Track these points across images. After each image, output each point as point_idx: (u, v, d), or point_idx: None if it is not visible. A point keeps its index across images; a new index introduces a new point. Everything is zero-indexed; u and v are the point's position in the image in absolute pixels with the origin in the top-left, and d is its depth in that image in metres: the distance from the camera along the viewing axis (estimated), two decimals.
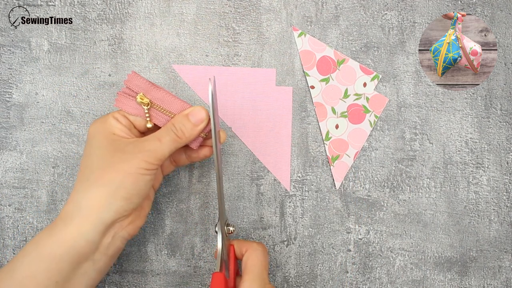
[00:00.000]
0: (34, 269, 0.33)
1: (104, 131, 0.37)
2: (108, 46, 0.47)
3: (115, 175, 0.34)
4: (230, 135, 0.47)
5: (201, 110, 0.38)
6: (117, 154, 0.35)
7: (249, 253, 0.39)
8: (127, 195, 0.35)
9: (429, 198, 0.48)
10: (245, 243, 0.40)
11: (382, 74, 0.48)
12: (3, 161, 0.46)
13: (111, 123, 0.37)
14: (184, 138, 0.37)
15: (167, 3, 0.47)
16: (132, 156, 0.35)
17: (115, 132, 0.37)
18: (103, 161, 0.35)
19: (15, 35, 0.46)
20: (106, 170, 0.35)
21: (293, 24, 0.48)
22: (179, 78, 0.47)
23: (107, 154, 0.35)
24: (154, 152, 0.36)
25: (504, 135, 0.48)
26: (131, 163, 0.35)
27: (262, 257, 0.39)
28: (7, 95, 0.46)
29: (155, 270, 0.46)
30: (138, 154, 0.35)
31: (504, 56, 0.48)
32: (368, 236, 0.47)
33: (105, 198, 0.34)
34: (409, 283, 0.47)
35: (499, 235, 0.48)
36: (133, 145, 0.36)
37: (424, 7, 0.48)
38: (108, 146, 0.36)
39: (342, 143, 0.47)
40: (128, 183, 0.35)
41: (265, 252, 0.39)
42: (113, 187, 0.34)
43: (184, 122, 0.37)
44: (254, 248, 0.39)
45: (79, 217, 0.34)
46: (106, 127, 0.37)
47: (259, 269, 0.38)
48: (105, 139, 0.36)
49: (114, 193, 0.34)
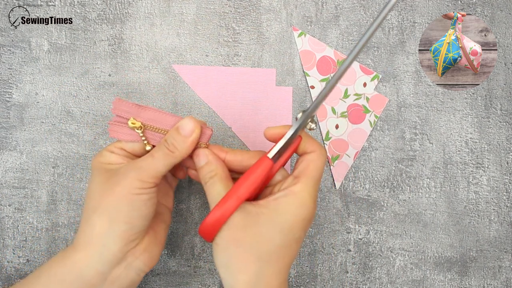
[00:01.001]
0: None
1: (101, 163, 0.36)
2: (108, 46, 0.47)
3: (111, 199, 0.33)
4: (230, 135, 0.47)
5: (189, 121, 0.36)
6: (112, 179, 0.34)
7: (314, 156, 0.35)
8: (127, 219, 0.34)
9: (429, 198, 0.48)
10: (313, 143, 0.36)
11: (382, 74, 0.48)
12: (3, 161, 0.46)
13: (105, 155, 0.36)
14: (177, 152, 0.35)
15: (167, 3, 0.47)
16: (124, 176, 0.34)
17: (112, 161, 0.36)
18: (100, 187, 0.34)
19: (15, 35, 0.46)
20: (103, 195, 0.34)
21: (293, 24, 0.48)
22: (179, 78, 0.47)
23: (104, 180, 0.35)
24: (147, 169, 0.34)
25: (504, 135, 0.48)
26: (123, 184, 0.34)
27: (323, 165, 0.36)
28: (7, 95, 0.46)
29: (155, 270, 0.46)
30: (130, 173, 0.34)
31: (504, 56, 0.48)
32: (368, 236, 0.47)
33: (106, 224, 0.33)
34: (409, 283, 0.47)
35: (499, 235, 0.48)
36: (126, 165, 0.35)
37: (424, 7, 0.48)
38: (105, 173, 0.35)
39: (342, 143, 0.47)
40: (123, 206, 0.33)
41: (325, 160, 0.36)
42: (111, 212, 0.33)
43: (175, 136, 0.36)
44: (321, 153, 0.36)
45: (86, 246, 0.33)
46: (100, 159, 0.36)
47: (318, 177, 0.35)
48: (102, 169, 0.35)
49: (113, 218, 0.33)
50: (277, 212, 0.33)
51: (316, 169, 0.35)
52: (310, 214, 0.34)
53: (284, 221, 0.33)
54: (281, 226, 0.33)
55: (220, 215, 0.33)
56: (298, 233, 0.34)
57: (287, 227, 0.33)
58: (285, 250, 0.33)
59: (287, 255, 0.33)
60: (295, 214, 0.33)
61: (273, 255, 0.33)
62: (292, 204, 0.33)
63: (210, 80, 0.47)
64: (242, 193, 0.33)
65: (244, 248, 0.32)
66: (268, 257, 0.33)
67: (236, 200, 0.33)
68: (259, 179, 0.34)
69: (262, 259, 0.32)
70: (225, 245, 0.33)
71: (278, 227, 0.33)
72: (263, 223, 0.33)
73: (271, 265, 0.33)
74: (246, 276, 0.32)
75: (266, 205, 0.34)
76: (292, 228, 0.33)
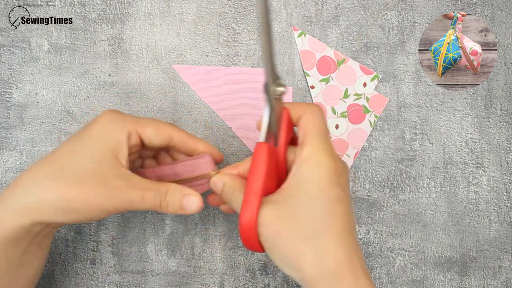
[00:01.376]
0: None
1: (106, 145, 0.33)
2: (108, 46, 0.47)
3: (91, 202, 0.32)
4: (230, 135, 0.47)
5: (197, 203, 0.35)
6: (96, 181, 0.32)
7: (308, 116, 0.33)
8: (90, 219, 0.33)
9: (429, 198, 0.48)
10: (300, 105, 0.34)
11: (382, 74, 0.48)
12: (3, 161, 0.46)
13: (121, 140, 0.34)
14: (163, 210, 0.34)
15: (167, 3, 0.47)
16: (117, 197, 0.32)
17: (118, 156, 0.34)
18: (80, 175, 0.32)
19: (15, 35, 0.46)
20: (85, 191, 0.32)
21: (293, 24, 0.48)
22: (179, 78, 0.47)
23: (88, 172, 0.32)
24: (131, 205, 0.33)
25: (504, 135, 0.48)
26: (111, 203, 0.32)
27: (322, 120, 0.33)
28: (7, 95, 0.46)
29: (155, 270, 0.46)
30: (114, 198, 0.32)
31: (504, 56, 0.48)
32: (368, 236, 0.47)
33: (67, 212, 0.32)
34: (409, 283, 0.47)
35: (499, 235, 0.48)
36: (116, 182, 0.33)
37: (424, 7, 0.48)
38: (96, 164, 0.33)
39: (342, 143, 0.47)
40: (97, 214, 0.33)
41: (323, 113, 0.34)
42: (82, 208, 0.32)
43: (175, 199, 0.34)
44: (313, 110, 0.33)
45: (29, 213, 0.32)
46: (116, 139, 0.34)
47: (321, 132, 0.32)
48: (101, 153, 0.33)
49: (79, 212, 0.32)
50: (300, 186, 0.31)
51: (315, 126, 0.32)
52: (332, 168, 0.31)
53: (310, 190, 0.31)
54: (309, 196, 0.30)
55: (248, 219, 0.31)
56: (333, 192, 0.31)
57: (316, 194, 0.31)
58: (329, 216, 0.30)
59: (335, 220, 0.30)
60: (316, 177, 0.31)
61: (319, 228, 0.30)
62: (308, 169, 0.31)
63: (210, 80, 0.47)
64: (256, 188, 0.31)
65: (289, 237, 0.30)
66: (316, 232, 0.30)
67: (253, 197, 0.31)
68: (263, 167, 0.31)
69: (311, 237, 0.30)
70: (271, 244, 0.31)
71: (308, 199, 0.30)
72: (293, 204, 0.31)
73: (324, 238, 0.30)
74: (307, 262, 0.30)
75: (288, 186, 0.32)
76: (322, 191, 0.31)
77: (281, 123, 0.34)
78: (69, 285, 0.46)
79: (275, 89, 0.32)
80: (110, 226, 0.46)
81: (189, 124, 0.47)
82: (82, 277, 0.46)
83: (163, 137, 0.36)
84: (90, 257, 0.46)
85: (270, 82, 0.31)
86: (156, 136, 0.35)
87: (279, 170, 0.34)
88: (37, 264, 0.36)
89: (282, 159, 0.34)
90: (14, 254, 0.33)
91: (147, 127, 0.35)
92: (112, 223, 0.46)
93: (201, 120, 0.47)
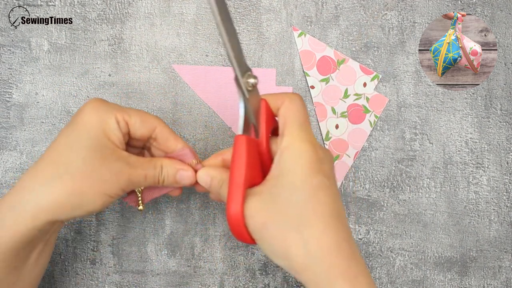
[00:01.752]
0: None
1: (99, 131, 0.33)
2: (108, 46, 0.47)
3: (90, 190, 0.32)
4: (230, 135, 0.47)
5: (190, 177, 0.36)
6: (100, 168, 0.32)
7: (287, 105, 0.33)
8: (92, 210, 0.33)
9: (429, 198, 0.48)
10: (279, 95, 0.34)
11: (382, 74, 0.48)
12: (3, 161, 0.46)
13: (111, 126, 0.34)
14: (160, 184, 0.36)
15: (167, 3, 0.47)
16: (115, 180, 0.33)
17: (111, 137, 0.34)
18: (83, 167, 0.32)
19: (15, 35, 0.46)
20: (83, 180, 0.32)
21: (293, 24, 0.48)
22: (179, 78, 0.47)
23: (91, 161, 0.32)
24: (136, 184, 0.34)
25: (504, 135, 0.48)
26: (111, 187, 0.33)
27: (302, 107, 0.33)
28: (7, 95, 0.46)
29: (155, 270, 0.46)
30: (122, 181, 0.33)
31: (504, 56, 0.48)
32: (368, 236, 0.47)
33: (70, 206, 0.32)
34: (409, 283, 0.47)
35: (499, 235, 0.48)
36: (119, 165, 0.33)
37: (424, 7, 0.48)
38: (96, 153, 0.33)
39: (342, 143, 0.47)
40: (99, 203, 0.33)
41: (303, 101, 0.34)
42: (83, 200, 0.32)
43: (170, 173, 0.35)
44: (291, 98, 0.33)
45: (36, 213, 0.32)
46: (104, 127, 0.34)
47: (301, 120, 0.32)
48: (97, 141, 0.33)
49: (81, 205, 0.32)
50: (282, 176, 0.31)
51: (294, 114, 0.32)
52: (313, 155, 0.31)
53: (292, 180, 0.31)
54: (292, 186, 0.30)
55: (235, 212, 0.31)
56: (316, 179, 0.30)
57: (298, 183, 0.30)
58: (313, 203, 0.30)
59: (319, 207, 0.30)
60: (297, 166, 0.31)
61: (303, 216, 0.30)
62: (289, 159, 0.31)
63: (210, 80, 0.47)
64: (239, 180, 0.31)
65: (275, 227, 0.30)
66: (300, 220, 0.30)
67: (237, 189, 0.31)
68: (244, 158, 0.31)
69: (296, 226, 0.30)
70: (259, 235, 0.31)
71: (291, 188, 0.30)
72: (276, 194, 0.31)
73: (309, 226, 0.30)
74: (294, 251, 0.30)
75: (271, 177, 0.32)
76: (304, 179, 0.30)
77: (260, 114, 0.33)
78: (69, 285, 0.46)
79: (246, 81, 0.32)
80: (110, 226, 0.46)
81: (189, 124, 0.47)
82: (82, 277, 0.46)
83: (147, 126, 0.36)
84: (90, 257, 0.46)
85: (239, 75, 0.31)
86: (140, 124, 0.35)
87: (264, 162, 0.34)
88: (42, 261, 0.36)
89: (266, 150, 0.34)
90: (24, 254, 0.34)
91: (133, 115, 0.35)
92: (112, 223, 0.46)
93: (201, 120, 0.47)
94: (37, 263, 0.36)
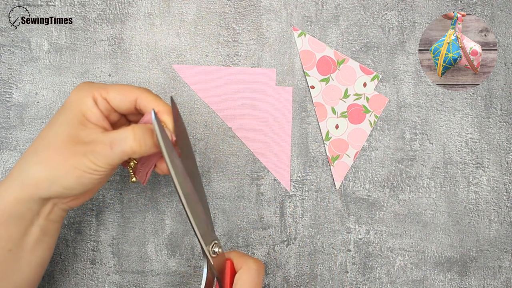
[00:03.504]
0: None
1: (77, 108, 0.35)
2: (108, 46, 0.47)
3: (61, 164, 0.33)
4: (230, 135, 0.47)
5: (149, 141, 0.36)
6: (72, 143, 0.34)
7: (242, 272, 0.35)
8: (68, 186, 0.34)
9: (429, 198, 0.48)
10: (241, 259, 0.36)
11: (382, 74, 0.48)
12: (3, 161, 0.46)
13: (87, 103, 0.35)
14: (138, 154, 0.34)
15: (167, 3, 0.47)
16: (83, 153, 0.33)
17: (87, 114, 0.35)
18: (57, 142, 0.34)
19: (15, 35, 0.46)
20: (56, 154, 0.33)
21: (293, 24, 0.48)
22: (179, 78, 0.47)
23: (65, 137, 0.34)
24: (105, 158, 0.33)
25: (504, 135, 0.48)
26: (80, 160, 0.33)
27: (254, 278, 0.35)
28: (7, 95, 0.46)
29: (155, 270, 0.46)
30: (89, 154, 0.33)
31: (504, 56, 0.48)
32: (368, 236, 0.47)
33: (45, 181, 0.33)
34: (409, 283, 0.47)
35: (499, 235, 0.48)
36: (90, 139, 0.34)
37: (424, 7, 0.48)
38: (70, 128, 0.34)
39: (342, 143, 0.47)
40: (72, 177, 0.33)
41: (260, 271, 0.36)
42: (56, 173, 0.33)
43: (146, 138, 0.34)
44: (248, 267, 0.36)
45: (18, 188, 0.34)
46: (81, 105, 0.35)
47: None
48: (73, 118, 0.35)
49: (55, 180, 0.33)
50: None
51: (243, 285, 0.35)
52: None
53: None
54: None
55: None
56: None
57: None
58: None
59: None
60: None
61: None
62: None
63: (210, 80, 0.47)
64: None
65: None
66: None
67: None
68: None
69: None
70: None
71: None
72: None
73: None
74: None
75: None
76: None
77: (225, 273, 0.36)
78: (69, 285, 0.46)
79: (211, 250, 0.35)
80: (110, 226, 0.46)
81: (189, 124, 0.47)
82: (82, 277, 0.46)
83: (128, 98, 0.36)
84: (90, 257, 0.46)
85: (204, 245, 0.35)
86: (120, 97, 0.36)
87: None
88: (41, 251, 0.36)
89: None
90: (16, 235, 0.34)
91: (111, 91, 0.36)
92: (112, 223, 0.46)
93: (201, 120, 0.47)
94: (34, 252, 0.36)
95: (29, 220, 0.35)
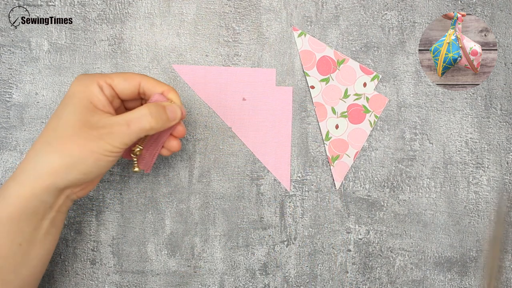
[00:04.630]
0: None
1: (83, 96, 0.36)
2: (108, 46, 0.47)
3: (78, 150, 0.34)
4: (230, 135, 0.47)
5: (177, 109, 0.38)
6: (85, 128, 0.35)
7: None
8: (86, 171, 0.35)
9: (429, 198, 0.48)
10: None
11: (382, 74, 0.48)
12: (3, 161, 0.46)
13: (93, 90, 0.36)
14: (154, 130, 0.37)
15: (167, 3, 0.47)
16: (99, 136, 0.35)
17: (94, 101, 0.36)
18: (70, 130, 0.35)
19: (15, 35, 0.46)
20: (71, 141, 0.34)
21: (293, 24, 0.48)
22: (179, 78, 0.47)
23: (77, 123, 0.35)
24: (122, 138, 0.35)
25: (504, 135, 0.48)
26: (97, 143, 0.34)
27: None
28: (7, 95, 0.46)
29: (155, 270, 0.46)
30: (106, 136, 0.35)
31: (504, 56, 0.48)
32: (368, 236, 0.47)
33: (63, 168, 0.34)
34: (409, 283, 0.47)
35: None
36: (104, 123, 0.35)
37: (424, 7, 0.48)
38: (81, 116, 0.35)
39: (342, 143, 0.47)
40: (90, 161, 0.34)
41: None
42: (73, 160, 0.34)
43: (161, 114, 0.37)
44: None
45: (34, 181, 0.34)
46: (87, 93, 0.36)
47: None
48: (81, 106, 0.35)
49: (73, 166, 0.34)
50: None
51: None
52: None
53: None
54: None
55: None
56: None
57: None
58: None
59: None
60: None
61: None
62: None
63: (210, 80, 0.47)
64: None
65: None
66: None
67: None
68: None
69: None
70: None
71: None
72: None
73: None
74: None
75: None
76: None
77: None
78: (69, 285, 0.46)
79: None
80: (110, 226, 0.46)
81: (189, 124, 0.47)
82: (82, 277, 0.46)
83: (131, 83, 0.38)
84: (90, 257, 0.46)
85: None
86: (124, 82, 0.38)
87: None
88: (48, 243, 0.37)
89: None
90: (28, 229, 0.35)
91: (115, 77, 0.38)
92: (112, 223, 0.46)
93: (201, 120, 0.47)
94: (43, 244, 0.36)
95: (42, 214, 0.35)
